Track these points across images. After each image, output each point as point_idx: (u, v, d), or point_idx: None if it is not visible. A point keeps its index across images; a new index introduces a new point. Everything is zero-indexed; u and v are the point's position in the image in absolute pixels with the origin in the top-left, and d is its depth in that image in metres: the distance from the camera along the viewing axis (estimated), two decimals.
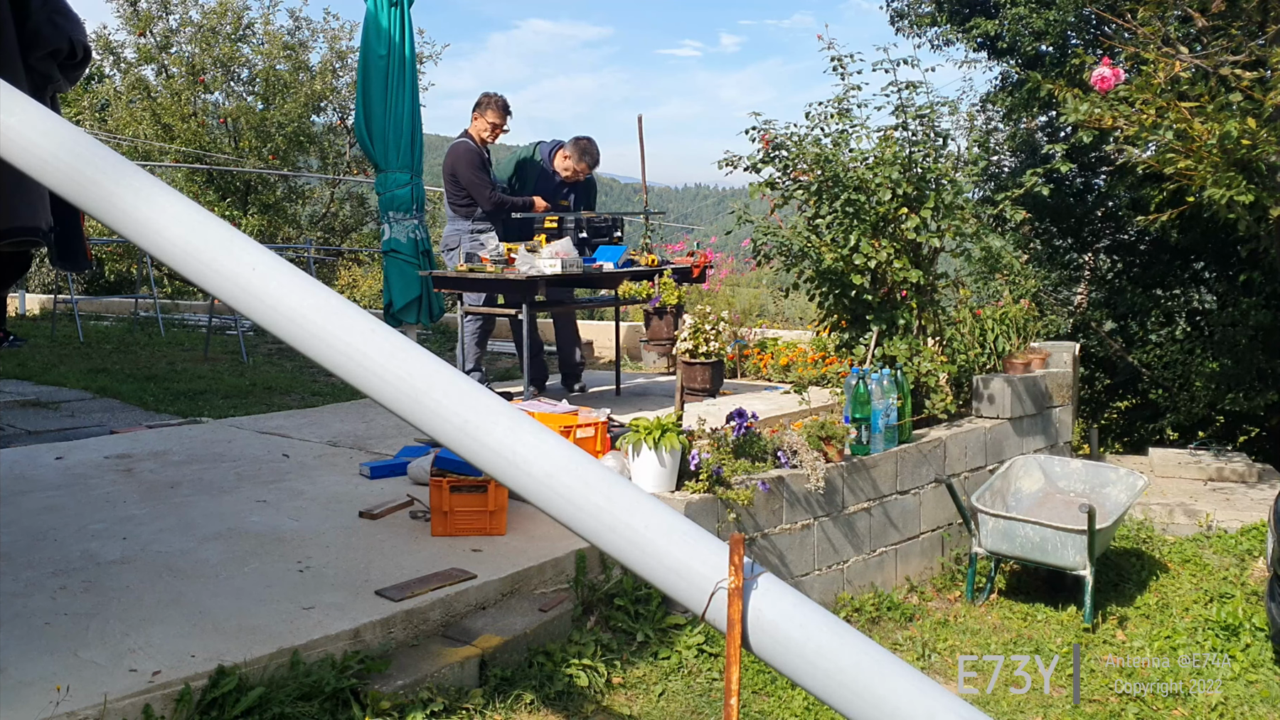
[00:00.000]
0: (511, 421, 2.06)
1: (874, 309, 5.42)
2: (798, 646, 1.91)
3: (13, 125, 2.15)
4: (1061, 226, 10.57)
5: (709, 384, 5.97)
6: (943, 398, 5.42)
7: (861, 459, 4.66)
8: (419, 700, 2.80)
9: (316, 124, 20.13)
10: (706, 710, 3.26)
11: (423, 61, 19.42)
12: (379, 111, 6.33)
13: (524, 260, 5.46)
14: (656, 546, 1.99)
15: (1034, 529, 4.61)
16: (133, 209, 2.13)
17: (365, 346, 2.08)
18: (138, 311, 13.04)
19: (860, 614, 4.47)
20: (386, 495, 4.22)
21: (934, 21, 10.56)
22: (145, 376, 8.22)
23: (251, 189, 19.54)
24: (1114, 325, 10.49)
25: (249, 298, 2.11)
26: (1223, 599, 4.69)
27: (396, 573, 3.35)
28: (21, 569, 3.31)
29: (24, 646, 2.71)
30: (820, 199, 5.41)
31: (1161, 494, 6.34)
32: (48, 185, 2.18)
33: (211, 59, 18.91)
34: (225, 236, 2.15)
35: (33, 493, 4.27)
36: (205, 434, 5.57)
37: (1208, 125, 5.17)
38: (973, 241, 5.56)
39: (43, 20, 2.67)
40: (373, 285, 18.40)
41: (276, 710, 2.59)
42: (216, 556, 3.48)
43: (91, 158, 2.15)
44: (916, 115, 5.45)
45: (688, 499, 3.86)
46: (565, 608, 3.41)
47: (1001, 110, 10.64)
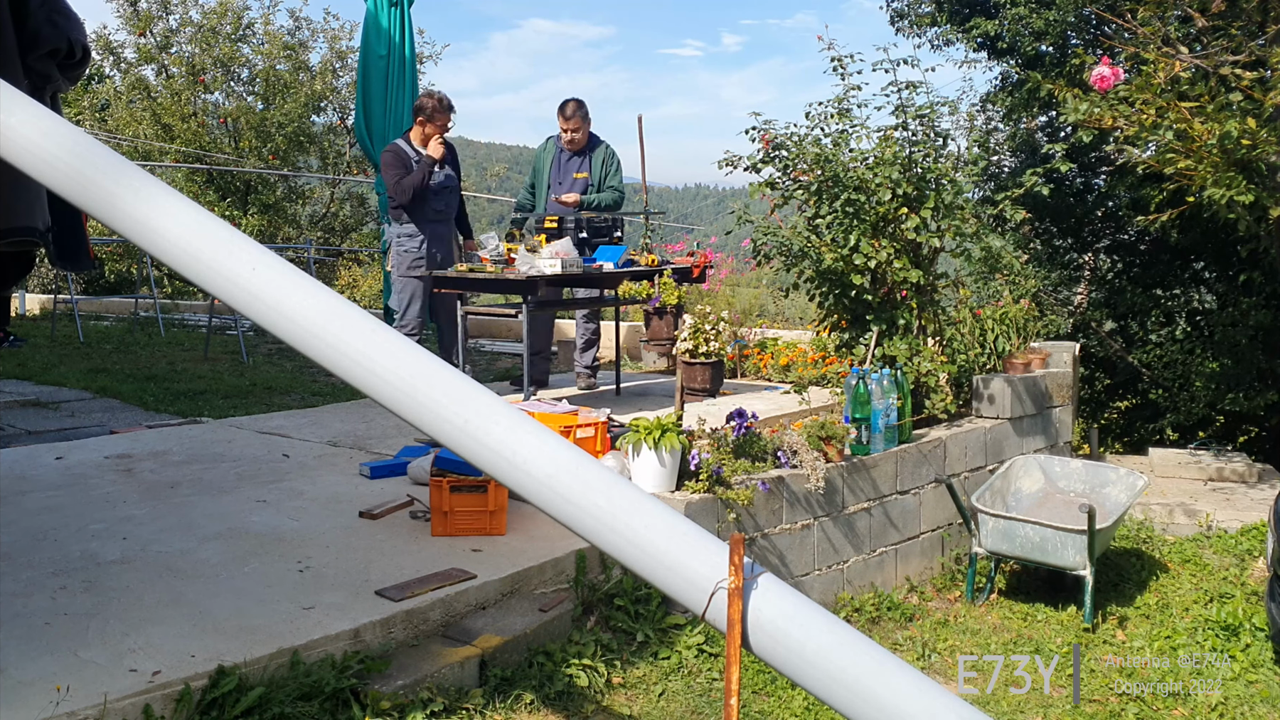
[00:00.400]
0: (511, 421, 2.06)
1: (874, 309, 5.42)
2: (798, 646, 1.91)
3: (13, 125, 2.15)
4: (1061, 226, 10.57)
5: (709, 384, 5.97)
6: (943, 398, 5.42)
7: (861, 459, 4.66)
8: (419, 700, 2.80)
9: (316, 124, 20.11)
10: (706, 710, 3.26)
11: (423, 61, 19.42)
12: (379, 111, 6.34)
13: (524, 260, 5.46)
14: (656, 546, 1.99)
15: (1034, 529, 4.61)
16: (132, 209, 2.13)
17: (365, 346, 2.08)
18: (138, 311, 13.04)
19: (860, 614, 4.47)
20: (386, 495, 4.22)
21: (934, 21, 10.56)
22: (145, 376, 8.22)
23: (251, 189, 19.54)
24: (1114, 325, 10.49)
25: (249, 298, 2.11)
26: (1223, 599, 4.69)
27: (396, 573, 3.35)
28: (21, 569, 3.31)
29: (24, 646, 2.71)
30: (820, 199, 5.41)
31: (1161, 494, 6.34)
32: (49, 185, 2.18)
33: (211, 59, 18.90)
34: (225, 236, 2.15)
35: (33, 493, 4.27)
36: (205, 434, 5.57)
37: (1208, 125, 5.17)
38: (973, 241, 5.56)
39: (42, 20, 2.67)
40: (373, 285, 18.39)
41: (276, 710, 2.59)
42: (216, 556, 3.48)
43: (92, 157, 2.15)
44: (916, 115, 5.45)
45: (688, 499, 3.86)
46: (565, 608, 3.41)
47: (1001, 110, 10.64)
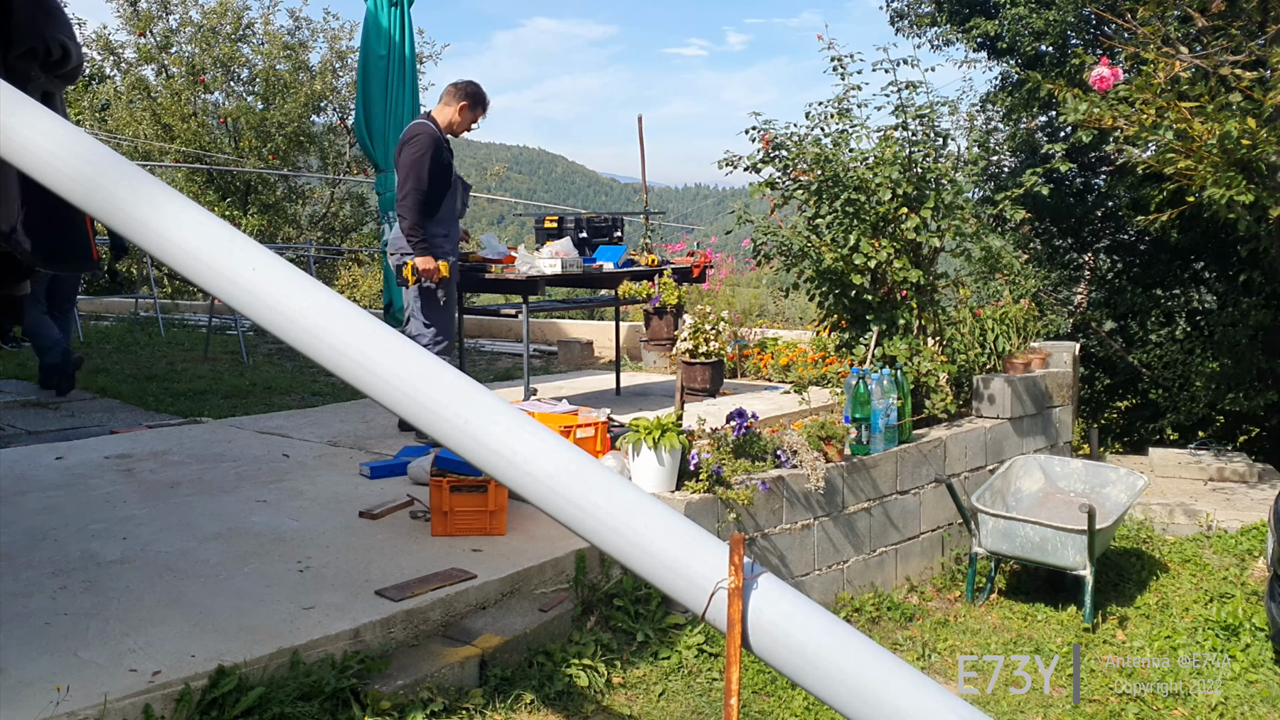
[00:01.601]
0: (511, 421, 2.06)
1: (874, 309, 5.42)
2: (798, 646, 1.91)
3: (13, 125, 2.15)
4: (1061, 226, 10.57)
5: (709, 384, 5.97)
6: (943, 398, 5.42)
7: (861, 459, 4.66)
8: (419, 700, 2.80)
9: (316, 124, 20.10)
10: (706, 710, 3.26)
11: (423, 61, 19.42)
12: (379, 111, 6.33)
13: (524, 260, 5.46)
14: (656, 546, 1.99)
15: (1034, 529, 4.60)
16: (133, 209, 2.13)
17: (365, 346, 2.08)
18: (138, 311, 13.04)
19: (860, 614, 4.47)
20: (386, 495, 4.22)
21: (934, 21, 10.57)
22: (145, 376, 8.21)
23: (251, 189, 19.53)
24: (1114, 325, 10.49)
25: (249, 298, 2.11)
26: (1223, 599, 4.69)
27: (396, 573, 3.35)
28: (21, 569, 3.31)
29: (24, 646, 2.71)
30: (820, 199, 5.41)
31: (1162, 494, 6.33)
32: (49, 186, 2.17)
33: (211, 59, 18.89)
34: (225, 236, 2.15)
35: (33, 493, 4.27)
36: (205, 434, 5.57)
37: (1208, 125, 5.17)
38: (973, 241, 5.56)
39: (22, 18, 2.64)
40: (373, 285, 18.40)
41: (276, 710, 2.59)
42: (216, 556, 3.48)
43: (90, 157, 2.15)
44: (916, 115, 5.45)
45: (688, 499, 3.86)
46: (565, 608, 3.41)
47: (1001, 110, 10.64)
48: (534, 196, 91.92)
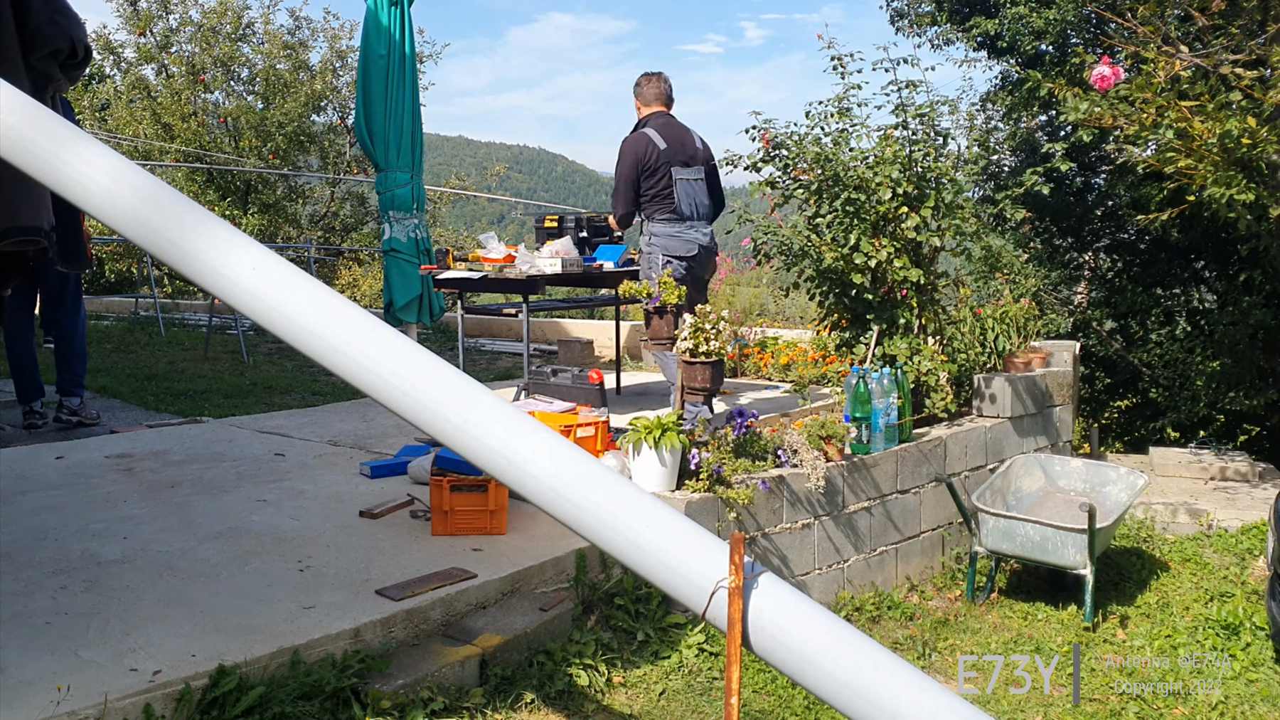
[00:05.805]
0: (511, 421, 2.06)
1: (874, 308, 5.42)
2: (798, 646, 1.91)
3: (12, 125, 2.15)
4: (1061, 226, 10.57)
5: (709, 383, 5.96)
6: (943, 397, 5.41)
7: (862, 458, 4.66)
8: (419, 699, 2.80)
9: (316, 123, 20.11)
10: (707, 710, 3.26)
11: (423, 61, 19.42)
12: (379, 111, 6.32)
13: (524, 260, 5.46)
14: (657, 546, 1.99)
15: (1034, 528, 4.60)
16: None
17: (365, 346, 2.07)
18: (138, 311, 13.04)
19: (861, 613, 4.47)
20: (387, 495, 4.22)
21: (934, 21, 10.56)
22: (145, 376, 8.21)
23: (251, 189, 19.53)
24: (1114, 324, 10.49)
25: (249, 297, 2.11)
26: (1223, 598, 4.69)
27: (397, 572, 3.35)
28: (22, 568, 3.31)
29: (24, 646, 2.71)
30: (820, 198, 5.40)
31: (1162, 493, 6.33)
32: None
33: (211, 58, 18.89)
34: (225, 236, 2.15)
35: (33, 492, 4.27)
36: (206, 433, 5.58)
37: (1208, 124, 5.17)
38: (973, 240, 5.56)
39: (44, 20, 2.67)
40: (373, 285, 18.40)
41: (277, 710, 2.59)
42: (217, 556, 3.48)
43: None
44: (916, 114, 5.45)
45: (688, 498, 3.86)
46: (565, 607, 3.41)
47: (1001, 109, 10.65)
48: (534, 196, 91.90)
